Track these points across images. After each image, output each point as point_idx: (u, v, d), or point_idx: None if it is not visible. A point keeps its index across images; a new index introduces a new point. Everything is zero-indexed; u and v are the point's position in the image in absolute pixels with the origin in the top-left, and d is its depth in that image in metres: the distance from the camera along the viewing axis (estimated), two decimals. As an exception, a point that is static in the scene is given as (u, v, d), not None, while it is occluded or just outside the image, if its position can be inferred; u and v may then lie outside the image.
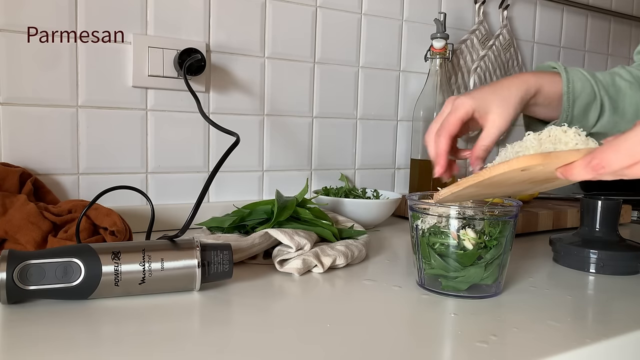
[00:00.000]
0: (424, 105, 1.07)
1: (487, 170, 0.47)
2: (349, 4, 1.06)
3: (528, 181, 0.51)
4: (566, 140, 0.46)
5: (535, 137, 0.48)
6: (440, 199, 0.55)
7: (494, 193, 0.58)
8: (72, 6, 0.80)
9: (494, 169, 0.46)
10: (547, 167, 0.44)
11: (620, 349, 0.49)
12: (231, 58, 0.94)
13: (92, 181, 0.84)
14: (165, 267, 0.54)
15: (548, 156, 0.43)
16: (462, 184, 0.50)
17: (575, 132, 0.46)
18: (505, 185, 0.51)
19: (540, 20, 1.37)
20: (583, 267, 0.71)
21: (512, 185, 0.52)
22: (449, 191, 0.53)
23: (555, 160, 0.43)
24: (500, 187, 0.53)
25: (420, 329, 0.50)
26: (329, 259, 0.66)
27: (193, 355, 0.42)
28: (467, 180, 0.50)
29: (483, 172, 0.47)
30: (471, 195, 0.56)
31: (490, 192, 0.56)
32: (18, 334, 0.45)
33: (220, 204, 0.93)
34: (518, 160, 0.43)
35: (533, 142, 0.47)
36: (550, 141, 0.46)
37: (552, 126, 0.47)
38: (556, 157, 0.43)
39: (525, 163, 0.43)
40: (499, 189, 0.54)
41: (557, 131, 0.47)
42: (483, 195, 0.58)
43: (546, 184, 0.54)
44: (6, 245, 0.65)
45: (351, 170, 1.11)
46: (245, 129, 0.96)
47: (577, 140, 0.46)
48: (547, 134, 0.47)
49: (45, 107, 0.80)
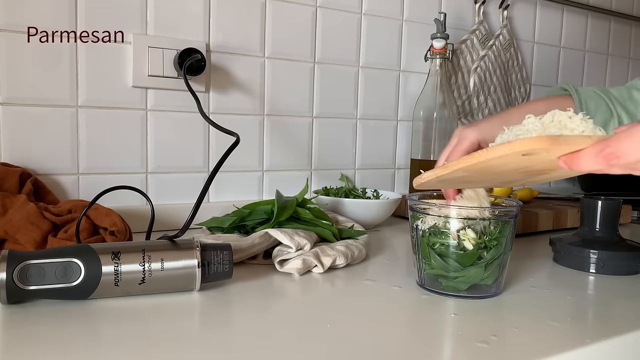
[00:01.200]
0: (424, 105, 1.07)
1: (485, 152, 0.41)
2: (349, 4, 1.06)
3: (523, 170, 0.46)
4: (572, 126, 0.41)
5: (537, 120, 0.43)
6: (421, 182, 0.50)
7: (482, 181, 0.53)
8: (72, 6, 0.80)
9: (493, 150, 0.40)
10: (551, 153, 0.39)
11: (620, 349, 0.49)
12: (231, 58, 0.94)
13: (92, 181, 0.84)
14: (165, 267, 0.54)
15: (556, 140, 0.37)
16: (450, 167, 0.45)
17: (582, 118, 0.41)
18: (497, 172, 0.46)
19: (540, 20, 1.37)
20: (583, 267, 0.71)
21: (503, 174, 0.48)
22: (434, 174, 0.48)
23: (564, 145, 0.38)
24: (491, 175, 0.48)
25: (420, 329, 0.50)
26: (329, 259, 0.66)
27: (193, 355, 0.42)
28: (458, 162, 0.44)
29: (479, 153, 0.42)
30: (457, 181, 0.51)
31: (478, 179, 0.51)
32: (18, 334, 0.45)
33: (220, 204, 0.93)
34: (522, 142, 0.38)
35: (536, 126, 0.43)
36: (555, 126, 0.42)
37: (556, 110, 0.43)
38: (565, 142, 0.38)
39: (530, 146, 0.38)
40: (489, 176, 0.49)
41: (562, 116, 0.42)
42: (469, 182, 0.54)
43: (540, 176, 0.50)
44: (6, 245, 0.65)
45: (351, 170, 1.11)
46: (245, 129, 0.96)
47: (584, 127, 0.41)
48: (550, 117, 0.42)
49: (45, 107, 0.80)
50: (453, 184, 0.55)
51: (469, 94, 1.20)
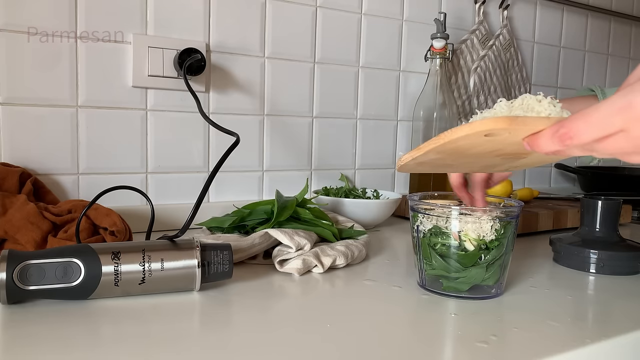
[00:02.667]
0: (424, 105, 1.07)
1: (449, 132, 0.42)
2: (349, 4, 1.06)
3: (496, 152, 0.47)
4: (539, 109, 0.42)
5: (506, 103, 0.45)
6: (401, 165, 0.52)
7: (460, 164, 0.54)
8: (72, 6, 0.80)
9: (457, 130, 0.41)
10: (513, 134, 0.40)
11: (620, 349, 0.49)
12: (231, 58, 0.94)
13: (92, 181, 0.84)
14: (165, 267, 0.54)
15: (514, 120, 0.39)
16: (423, 148, 0.46)
17: (551, 102, 0.42)
18: (470, 155, 0.47)
19: (540, 20, 1.37)
20: (583, 267, 0.71)
21: (478, 157, 0.49)
22: (410, 157, 0.49)
23: (523, 126, 0.39)
24: (466, 157, 0.49)
25: (420, 329, 0.50)
26: (329, 259, 0.66)
27: (193, 355, 0.42)
28: (427, 144, 0.45)
29: (445, 134, 0.43)
30: (434, 163, 0.52)
31: (455, 162, 0.52)
32: (18, 334, 0.45)
33: (220, 204, 0.93)
34: (482, 123, 0.39)
35: (503, 109, 0.44)
36: (522, 109, 0.43)
37: (527, 94, 0.44)
38: (523, 123, 0.39)
39: (489, 126, 0.39)
40: (465, 159, 0.50)
41: (531, 100, 0.43)
42: (449, 166, 0.55)
43: (519, 160, 0.51)
44: (6, 245, 0.65)
45: (351, 170, 1.11)
46: (245, 129, 0.96)
47: (551, 110, 0.42)
48: (520, 101, 0.44)
49: (45, 107, 0.80)
50: (433, 167, 0.55)
51: (469, 94, 1.20)
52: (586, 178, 1.36)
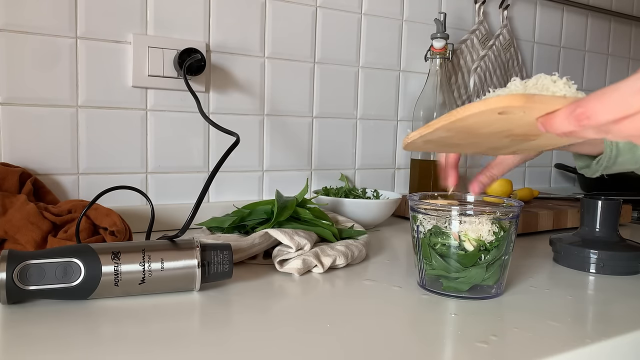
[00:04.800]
0: (424, 105, 1.07)
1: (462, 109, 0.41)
2: (349, 4, 1.06)
3: (506, 133, 0.46)
4: (554, 90, 0.41)
5: (520, 82, 0.44)
6: (408, 142, 0.51)
7: (467, 144, 0.53)
8: (72, 6, 0.80)
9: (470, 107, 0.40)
10: (528, 113, 0.39)
11: (620, 349, 0.49)
12: (231, 58, 0.94)
13: (92, 181, 0.84)
14: (165, 267, 0.53)
15: (531, 98, 0.38)
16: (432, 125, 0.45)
17: (566, 83, 0.41)
18: (480, 134, 0.46)
19: (540, 20, 1.37)
20: (583, 267, 0.71)
21: (487, 137, 0.48)
22: (418, 134, 0.48)
23: (539, 104, 0.38)
24: (475, 137, 0.48)
25: (420, 329, 0.50)
26: (329, 259, 0.66)
27: (193, 355, 0.42)
28: (437, 121, 0.44)
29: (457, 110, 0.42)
30: (442, 142, 0.51)
31: (463, 141, 0.51)
32: (18, 334, 0.45)
33: (220, 204, 0.93)
34: (497, 99, 0.38)
35: (518, 87, 0.43)
36: (537, 88, 0.42)
37: (542, 74, 0.43)
38: (540, 101, 0.38)
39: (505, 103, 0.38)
40: (473, 139, 0.49)
41: (546, 80, 0.42)
42: (456, 146, 0.54)
43: (527, 142, 0.50)
44: (6, 245, 0.65)
45: (351, 170, 1.11)
46: (245, 129, 0.96)
47: (567, 91, 0.41)
48: (534, 81, 0.43)
49: (45, 107, 0.80)
50: (439, 146, 0.55)
51: (469, 94, 1.20)
52: (586, 178, 1.36)
